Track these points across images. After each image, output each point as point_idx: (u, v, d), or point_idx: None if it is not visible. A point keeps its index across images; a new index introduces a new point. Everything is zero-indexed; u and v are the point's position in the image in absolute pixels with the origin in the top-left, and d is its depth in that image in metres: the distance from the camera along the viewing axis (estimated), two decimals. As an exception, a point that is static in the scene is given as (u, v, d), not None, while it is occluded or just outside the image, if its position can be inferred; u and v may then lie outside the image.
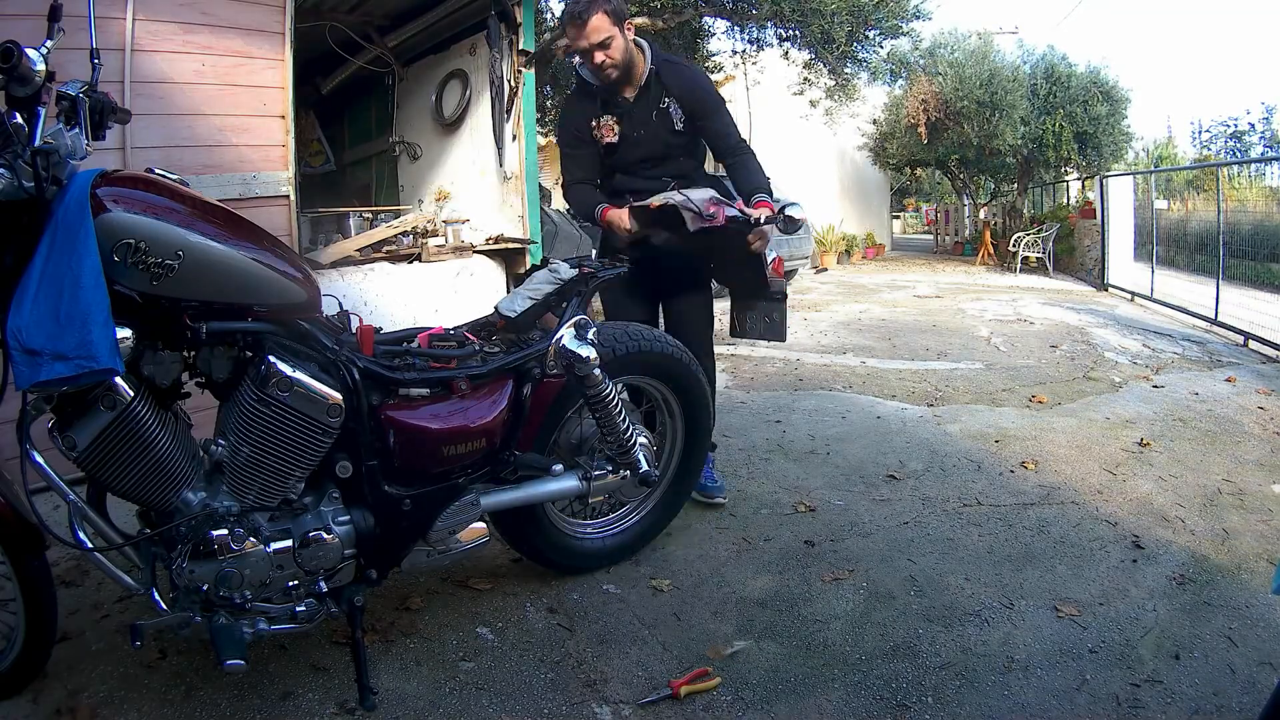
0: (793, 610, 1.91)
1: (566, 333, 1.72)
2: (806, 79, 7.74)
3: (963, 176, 14.37)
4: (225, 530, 1.39)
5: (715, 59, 8.55)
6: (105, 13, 2.67)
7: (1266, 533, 2.31)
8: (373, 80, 5.27)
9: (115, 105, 1.36)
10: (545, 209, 5.30)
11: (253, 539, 1.42)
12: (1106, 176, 9.66)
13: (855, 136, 13.25)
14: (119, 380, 1.27)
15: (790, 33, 7.10)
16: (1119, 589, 2.00)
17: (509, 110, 4.24)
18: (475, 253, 4.15)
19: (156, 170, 1.43)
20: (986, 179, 14.79)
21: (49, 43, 1.28)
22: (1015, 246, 11.10)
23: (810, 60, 7.42)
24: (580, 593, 2.00)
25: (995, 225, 13.00)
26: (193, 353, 1.42)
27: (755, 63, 8.11)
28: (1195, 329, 6.01)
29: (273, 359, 1.39)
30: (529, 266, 2.74)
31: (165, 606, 1.43)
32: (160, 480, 1.35)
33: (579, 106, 2.31)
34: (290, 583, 1.48)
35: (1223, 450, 3.06)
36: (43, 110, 1.23)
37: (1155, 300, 7.35)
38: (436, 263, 3.97)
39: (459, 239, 4.20)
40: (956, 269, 11.54)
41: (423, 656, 1.72)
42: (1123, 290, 8.29)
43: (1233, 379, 4.25)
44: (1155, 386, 4.11)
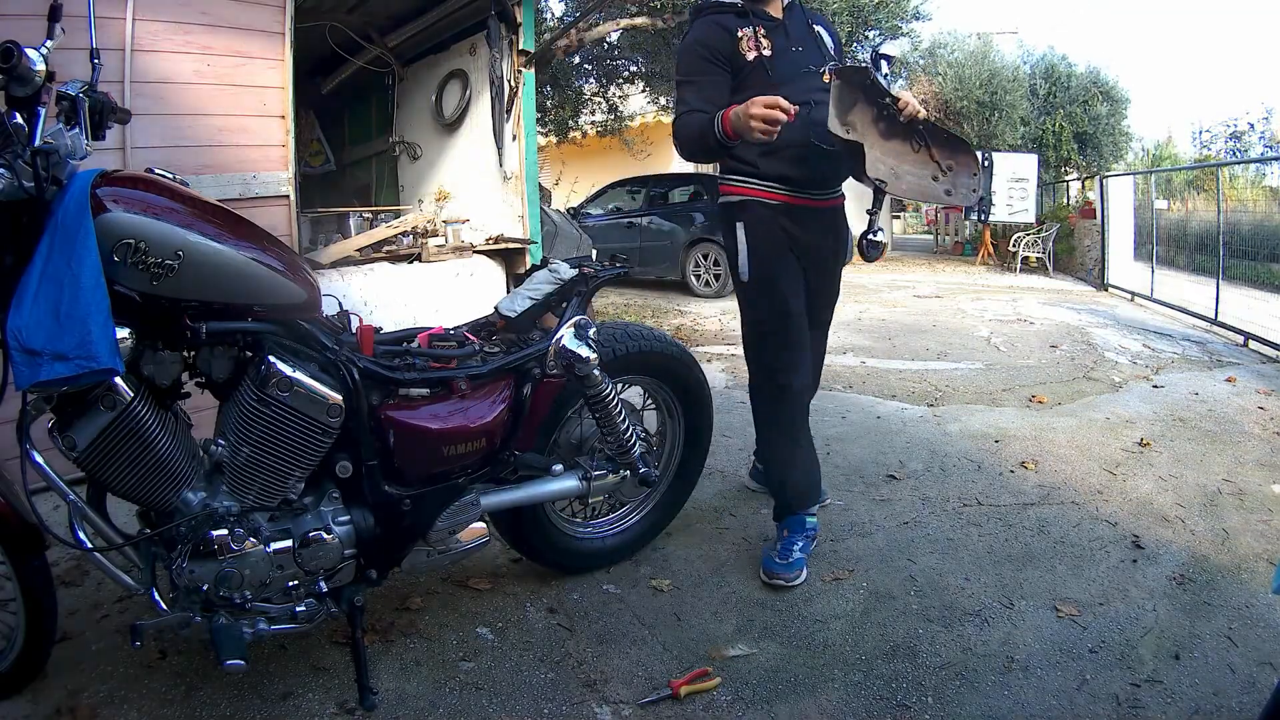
0: (793, 610, 1.91)
1: (566, 333, 1.72)
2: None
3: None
4: (225, 530, 1.39)
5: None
6: (105, 13, 2.66)
7: (1266, 533, 2.31)
8: (373, 80, 5.27)
9: (115, 105, 1.36)
10: (545, 209, 5.30)
11: (253, 539, 1.42)
12: (1106, 176, 9.66)
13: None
14: (119, 380, 1.27)
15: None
16: (1119, 589, 2.00)
17: (509, 110, 4.24)
18: (475, 253, 4.15)
19: (156, 170, 1.43)
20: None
21: (49, 43, 1.28)
22: (1015, 246, 11.09)
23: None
24: (580, 593, 2.00)
25: (995, 225, 12.99)
26: (193, 353, 1.42)
27: None
28: (1195, 329, 6.01)
29: (273, 359, 1.39)
30: (529, 266, 2.72)
31: (165, 606, 1.43)
32: (160, 480, 1.35)
33: (714, 24, 1.95)
34: (290, 583, 1.48)
35: (1223, 450, 3.06)
36: (43, 110, 1.23)
37: (1155, 300, 7.35)
38: (436, 263, 3.97)
39: (459, 239, 4.19)
40: (956, 269, 11.53)
41: (423, 656, 1.72)
42: (1123, 290, 8.28)
43: (1233, 379, 4.25)
44: (1155, 386, 4.11)
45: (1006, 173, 10.92)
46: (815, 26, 2.07)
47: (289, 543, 1.46)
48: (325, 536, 1.49)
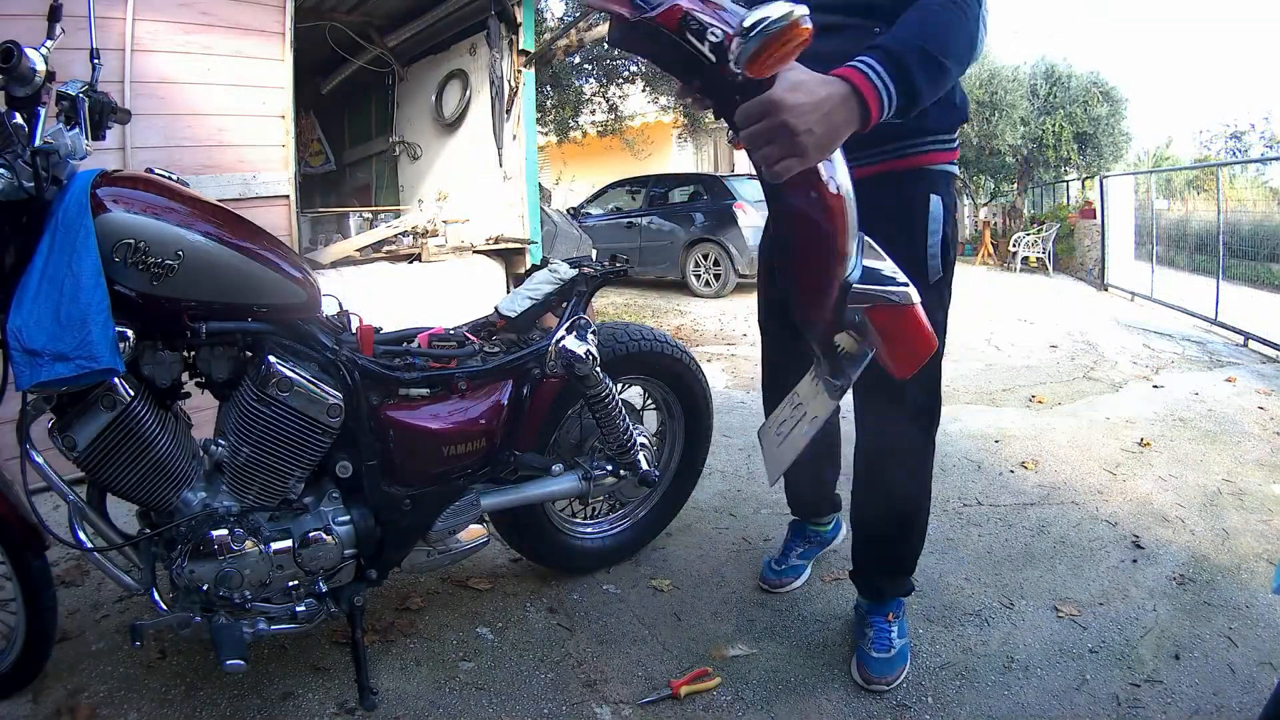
0: (793, 610, 1.91)
1: (566, 333, 1.72)
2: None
3: (962, 176, 14.36)
4: (225, 530, 1.39)
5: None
6: (105, 13, 2.66)
7: (1266, 533, 2.31)
8: (373, 80, 5.27)
9: (115, 105, 1.36)
10: (545, 209, 5.31)
11: (252, 539, 1.42)
12: (1106, 177, 9.66)
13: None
14: (119, 380, 1.27)
15: (790, 33, 7.09)
16: (1119, 589, 2.00)
17: (509, 110, 4.24)
18: (475, 253, 4.15)
19: (156, 170, 1.43)
20: (986, 179, 14.78)
21: (49, 43, 1.28)
22: (1015, 246, 11.10)
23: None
24: (580, 593, 1.99)
25: (995, 225, 13.00)
26: (193, 353, 1.42)
27: None
28: (1195, 329, 6.01)
29: (272, 359, 1.39)
30: (529, 266, 2.71)
31: (165, 606, 1.43)
32: (160, 480, 1.35)
33: None
34: (290, 583, 1.48)
35: (1223, 450, 3.06)
36: (43, 110, 1.23)
37: (1155, 300, 7.36)
38: (436, 263, 3.98)
39: (459, 239, 4.20)
40: (956, 269, 11.53)
41: (423, 656, 1.72)
42: (1123, 290, 8.28)
43: (1233, 379, 4.25)
44: (1155, 386, 4.11)
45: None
46: None
47: (289, 543, 1.46)
48: (325, 536, 1.48)
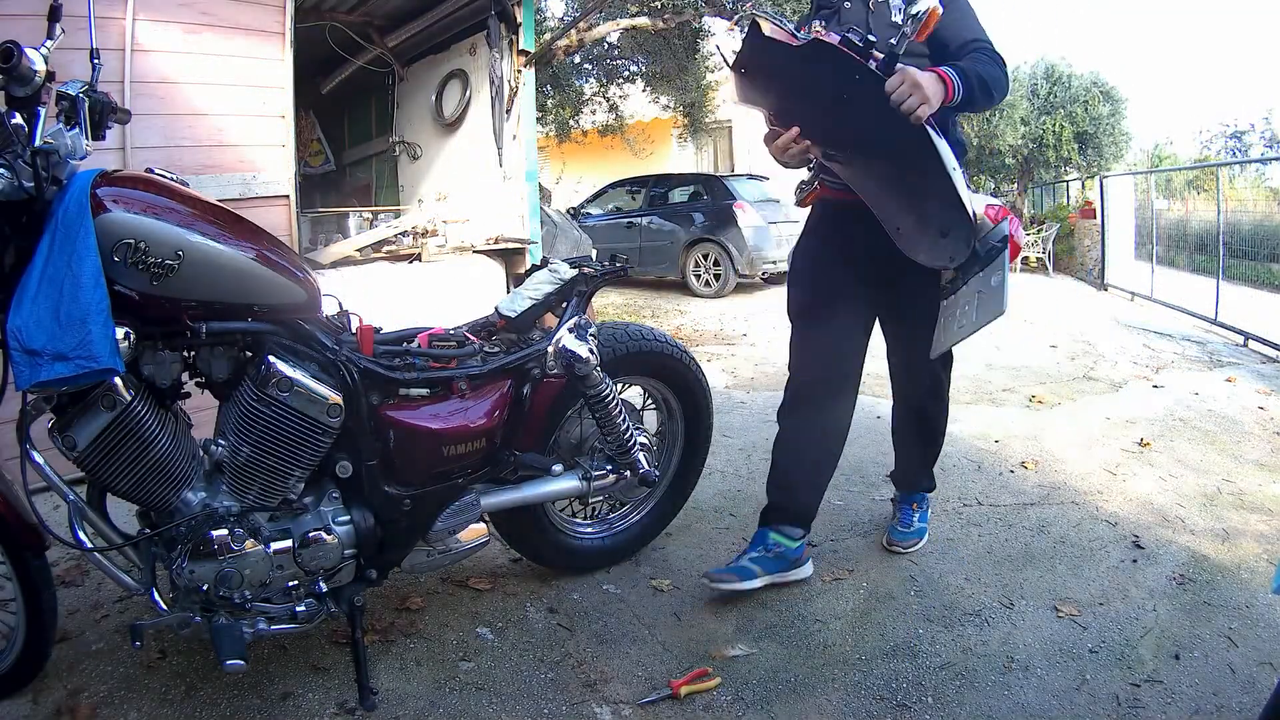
0: (793, 610, 1.91)
1: (566, 333, 1.72)
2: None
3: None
4: (225, 530, 1.39)
5: (715, 58, 8.56)
6: (105, 13, 2.66)
7: (1266, 533, 2.31)
8: (373, 80, 5.27)
9: (115, 105, 1.36)
10: (545, 209, 5.30)
11: (253, 539, 1.42)
12: (1106, 176, 9.66)
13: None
14: (119, 380, 1.27)
15: (790, 33, 7.09)
16: (1119, 589, 2.00)
17: (509, 110, 4.24)
18: (475, 253, 4.15)
19: (156, 170, 1.43)
20: (986, 179, 14.78)
21: (49, 43, 1.28)
22: (1015, 246, 11.08)
23: (810, 60, 7.40)
24: (580, 593, 1.99)
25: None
26: (193, 353, 1.42)
27: None
28: (1195, 329, 6.01)
29: (272, 359, 1.39)
30: (529, 266, 2.71)
31: (165, 606, 1.43)
32: (160, 480, 1.35)
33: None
34: (290, 583, 1.48)
35: (1223, 450, 3.06)
36: (43, 110, 1.23)
37: (1155, 300, 7.35)
38: (436, 263, 3.97)
39: (459, 239, 4.20)
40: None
41: (423, 656, 1.72)
42: (1123, 290, 8.28)
43: (1233, 379, 4.24)
44: (1155, 386, 4.11)
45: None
46: None
47: (289, 543, 1.46)
48: (325, 536, 1.49)
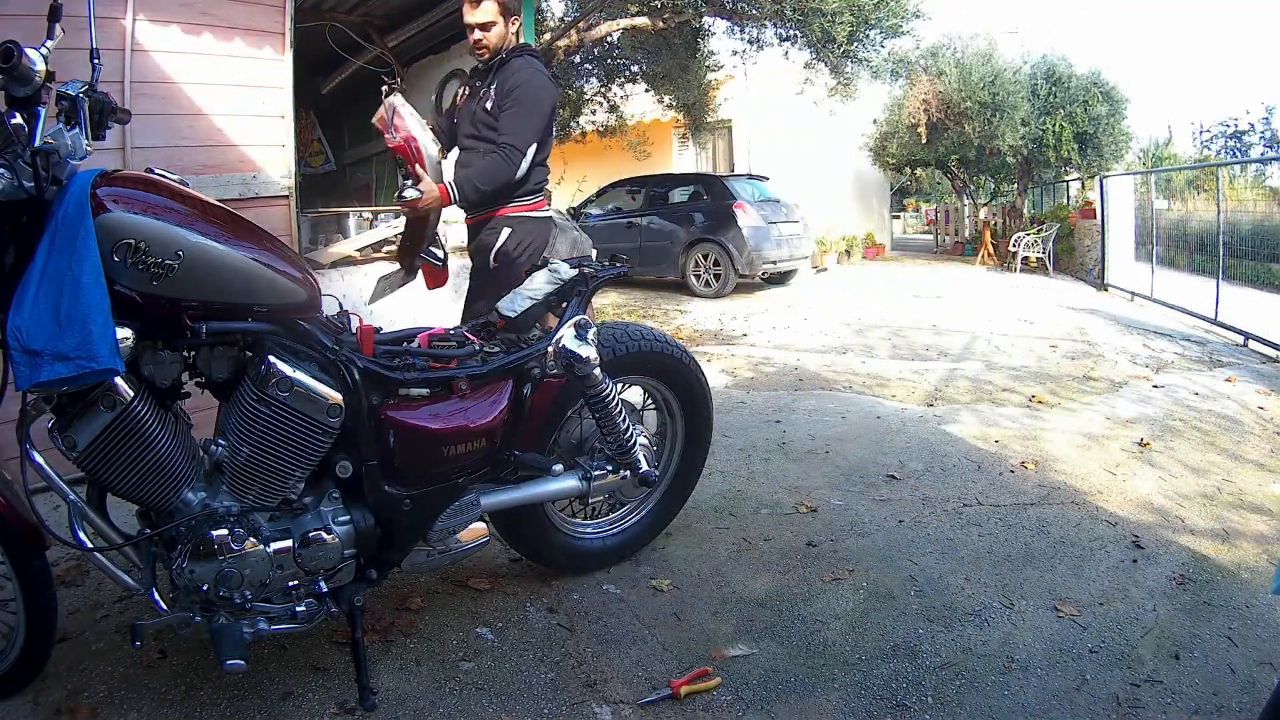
0: (793, 610, 1.91)
1: (566, 333, 1.72)
2: (808, 79, 7.73)
3: (963, 176, 14.37)
4: (225, 530, 1.39)
5: (715, 58, 8.56)
6: (105, 13, 2.66)
7: (1266, 533, 2.31)
8: (373, 80, 5.27)
9: (115, 105, 1.36)
10: (545, 209, 5.29)
11: (253, 539, 1.42)
12: (1106, 177, 9.66)
13: (855, 136, 13.25)
14: (119, 380, 1.27)
15: (790, 32, 7.10)
16: (1119, 589, 2.00)
17: (509, 110, 4.22)
18: (475, 253, 4.14)
19: (156, 170, 1.43)
20: (986, 179, 14.79)
21: (49, 43, 1.28)
22: (1015, 246, 11.09)
23: (811, 60, 7.42)
24: (580, 593, 2.00)
25: (995, 225, 12.99)
26: (193, 353, 1.42)
27: (755, 62, 8.11)
28: (1195, 329, 6.01)
29: (272, 359, 1.39)
30: (529, 267, 2.72)
31: (165, 606, 1.43)
32: (160, 480, 1.35)
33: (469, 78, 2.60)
34: (290, 583, 1.48)
35: (1223, 450, 3.06)
36: (43, 110, 1.23)
37: (1155, 300, 7.36)
38: (436, 263, 3.96)
39: (459, 239, 4.19)
40: (956, 269, 11.53)
41: (423, 656, 1.72)
42: (1123, 290, 8.29)
43: (1233, 379, 4.25)
44: (1155, 386, 4.11)
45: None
46: (494, 83, 2.46)
47: (289, 543, 1.46)
48: (325, 536, 1.49)
